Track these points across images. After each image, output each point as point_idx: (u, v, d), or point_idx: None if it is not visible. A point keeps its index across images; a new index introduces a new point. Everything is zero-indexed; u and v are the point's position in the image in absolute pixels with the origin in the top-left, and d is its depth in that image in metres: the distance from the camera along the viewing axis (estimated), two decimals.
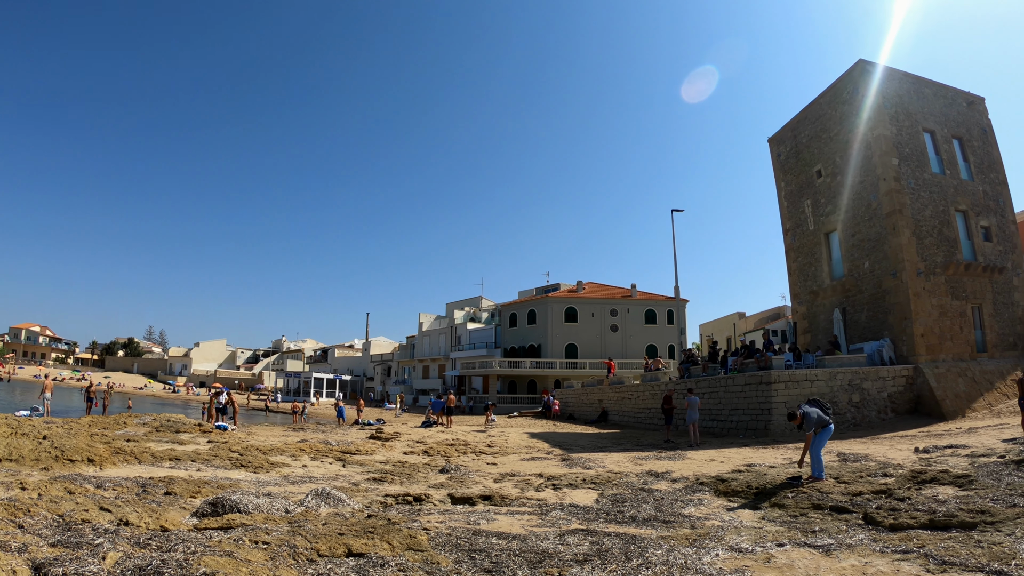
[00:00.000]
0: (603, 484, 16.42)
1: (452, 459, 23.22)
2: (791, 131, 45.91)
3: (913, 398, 32.72)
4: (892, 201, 36.09)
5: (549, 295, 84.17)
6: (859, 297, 38.42)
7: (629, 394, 45.10)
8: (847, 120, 39.79)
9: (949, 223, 37.67)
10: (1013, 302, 39.17)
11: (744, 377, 31.99)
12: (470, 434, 35.79)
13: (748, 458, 21.03)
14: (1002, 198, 41.20)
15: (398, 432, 35.03)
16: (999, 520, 9.86)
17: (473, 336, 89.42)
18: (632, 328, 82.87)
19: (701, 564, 8.18)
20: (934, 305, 35.28)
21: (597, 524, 11.20)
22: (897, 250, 35.53)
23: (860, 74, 38.79)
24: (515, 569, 7.91)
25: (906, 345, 34.44)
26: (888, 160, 36.64)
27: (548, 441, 31.61)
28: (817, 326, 42.14)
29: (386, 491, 14.81)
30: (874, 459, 18.67)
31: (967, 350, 35.90)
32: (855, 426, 30.08)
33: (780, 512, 12.07)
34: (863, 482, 14.32)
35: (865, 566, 8.07)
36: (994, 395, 33.71)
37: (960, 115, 41.61)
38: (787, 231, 46.08)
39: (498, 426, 43.59)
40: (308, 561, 7.52)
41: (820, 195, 42.33)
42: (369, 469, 19.68)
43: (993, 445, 19.58)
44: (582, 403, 54.32)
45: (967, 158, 40.67)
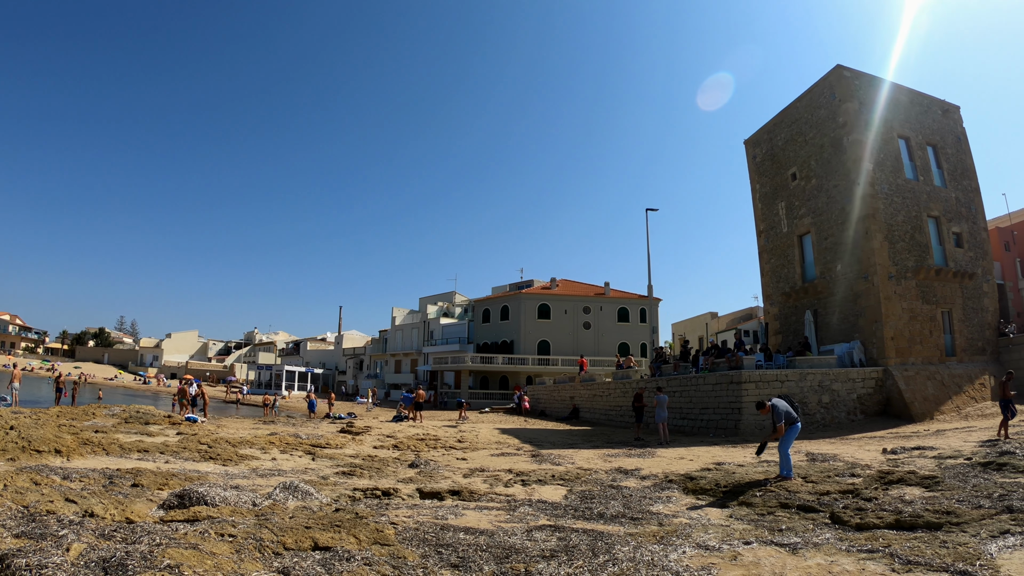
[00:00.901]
0: (572, 480, 16.37)
1: (422, 454, 23.08)
2: (767, 134, 46.19)
3: (882, 400, 33.07)
4: (865, 205, 36.43)
5: (522, 291, 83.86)
6: (831, 299, 38.72)
7: (600, 392, 45.14)
8: (823, 124, 40.09)
9: (921, 228, 38.10)
10: (983, 307, 39.73)
11: (715, 376, 32.07)
12: (441, 429, 35.65)
13: (717, 456, 21.08)
14: (974, 205, 41.83)
15: (369, 426, 34.82)
16: (964, 521, 9.92)
17: (446, 331, 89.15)
18: (605, 326, 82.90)
19: (668, 561, 8.18)
20: (905, 309, 35.66)
21: (565, 520, 11.19)
22: (869, 254, 35.86)
23: (837, 80, 39.11)
24: (482, 564, 7.89)
25: (876, 348, 34.79)
26: (862, 165, 37.00)
27: (519, 437, 31.55)
28: (789, 327, 42.45)
29: (355, 485, 14.68)
30: (842, 459, 18.78)
31: (936, 354, 36.34)
32: (824, 426, 30.29)
33: (748, 510, 12.06)
34: (831, 482, 14.38)
35: (831, 565, 8.09)
36: (962, 398, 34.14)
37: (935, 123, 42.11)
38: (761, 233, 46.35)
39: (469, 422, 43.53)
40: (274, 554, 7.46)
41: (794, 198, 42.60)
42: (338, 463, 19.52)
43: (960, 447, 19.79)
44: (554, 400, 54.31)
45: (941, 165, 41.17)
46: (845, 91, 38.56)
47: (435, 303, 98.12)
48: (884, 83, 40.55)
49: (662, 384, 34.09)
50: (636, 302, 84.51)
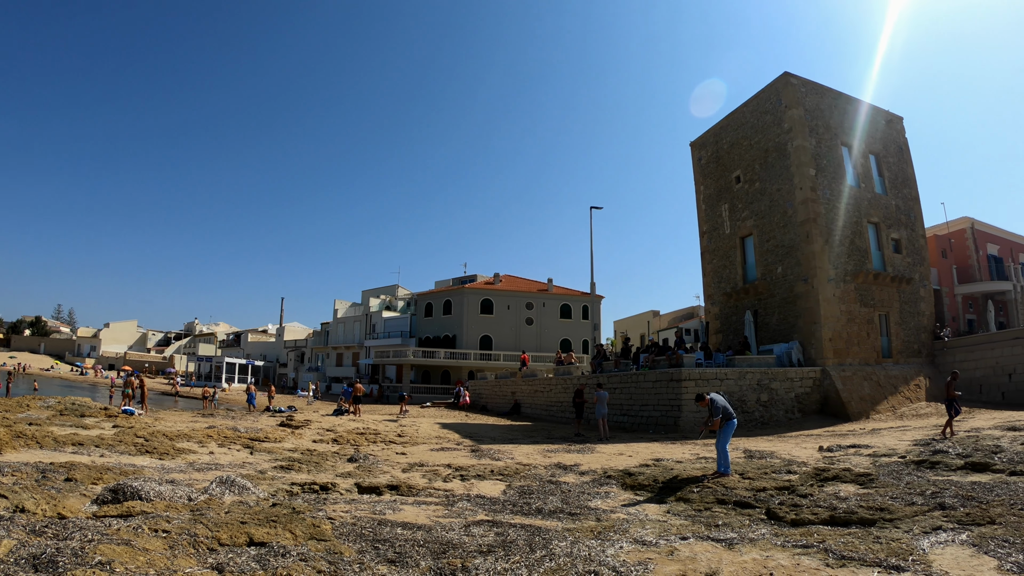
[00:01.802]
0: (511, 476, 16.29)
1: (361, 448, 22.88)
2: (713, 136, 46.61)
3: (820, 399, 33.67)
4: (807, 210, 36.96)
5: (466, 286, 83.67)
6: (771, 300, 39.27)
7: (542, 387, 45.15)
8: (769, 129, 40.62)
9: (861, 234, 38.88)
10: (919, 311, 40.70)
11: (655, 374, 32.23)
12: (381, 423, 35.44)
13: (656, 453, 21.17)
14: (913, 213, 42.89)
15: (309, 420, 34.50)
16: (898, 517, 10.06)
17: (388, 325, 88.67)
18: (547, 322, 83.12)
19: (605, 556, 8.18)
20: (843, 311, 36.31)
21: (503, 515, 11.15)
22: (810, 257, 36.43)
23: (784, 86, 39.64)
24: (418, 559, 7.82)
25: (814, 348, 35.38)
26: (806, 170, 37.54)
27: (459, 432, 31.47)
28: (729, 327, 42.90)
29: (293, 479, 14.48)
30: (779, 456, 18.99)
31: (873, 355, 37.16)
32: (763, 424, 30.65)
33: (685, 506, 12.08)
34: (767, 478, 14.48)
35: (766, 560, 8.16)
36: (898, 398, 34.89)
37: (878, 132, 43.13)
38: (704, 233, 46.76)
39: (410, 416, 43.34)
40: (208, 550, 7.34)
41: (738, 200, 43.07)
42: (277, 457, 19.26)
43: (895, 446, 20.14)
44: (495, 395, 54.23)
45: (882, 173, 42.14)
46: (791, 98, 39.06)
47: (378, 296, 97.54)
48: (830, 92, 41.28)
49: (602, 381, 34.18)
50: (579, 299, 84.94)
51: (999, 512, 10.02)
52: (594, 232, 52.17)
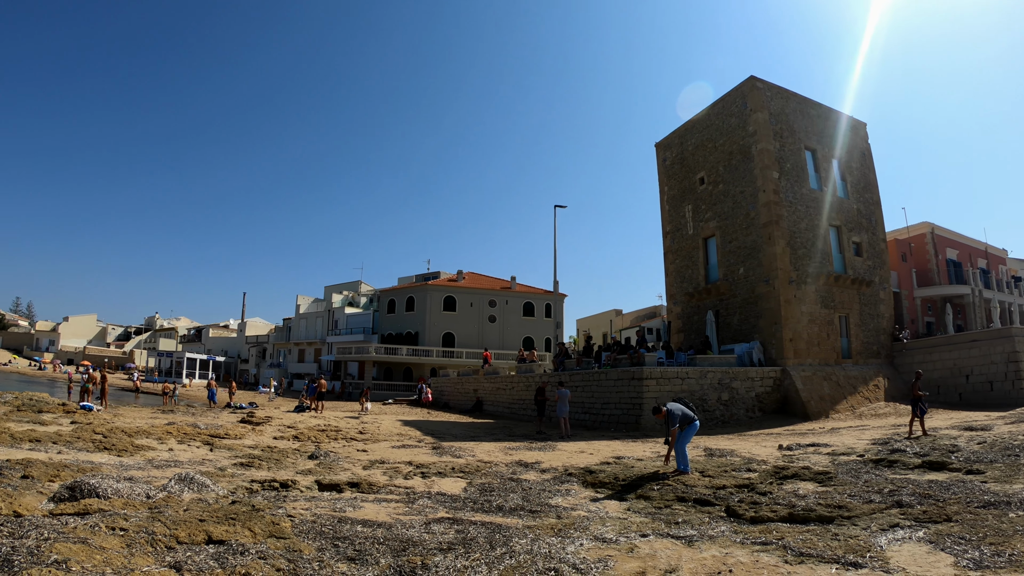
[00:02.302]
0: (472, 473, 16.25)
1: (322, 445, 22.65)
2: (678, 138, 46.88)
3: (780, 398, 34.04)
4: (770, 212, 37.34)
5: (429, 283, 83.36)
6: (732, 301, 39.59)
7: (504, 385, 45.14)
8: (734, 132, 40.97)
9: (823, 237, 39.46)
10: (879, 313, 41.30)
11: (617, 372, 32.30)
12: (343, 420, 35.18)
13: (617, 451, 21.22)
14: (874, 217, 43.62)
15: (270, 416, 34.16)
16: (856, 515, 10.17)
17: (350, 321, 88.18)
18: (510, 320, 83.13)
19: (565, 554, 8.20)
20: (804, 312, 36.69)
21: (464, 513, 11.13)
22: (772, 259, 36.80)
23: (750, 90, 40.02)
24: (378, 557, 7.81)
25: (775, 348, 35.74)
26: (769, 173, 37.91)
27: (421, 429, 31.33)
28: (691, 326, 43.17)
29: (253, 476, 14.31)
30: (739, 455, 19.08)
31: (833, 356, 37.64)
32: (723, 423, 30.84)
33: (645, 504, 12.10)
34: (727, 476, 14.55)
35: (726, 557, 8.21)
36: (857, 398, 35.35)
37: (842, 137, 43.87)
38: (667, 234, 47.03)
39: (372, 413, 43.11)
40: (166, 548, 7.25)
41: (701, 201, 43.36)
42: (237, 454, 19.04)
43: (854, 445, 20.39)
44: (457, 392, 54.14)
45: (845, 178, 42.78)
46: (757, 101, 39.42)
47: (340, 292, 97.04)
48: (795, 96, 41.80)
49: (564, 379, 34.25)
50: (542, 297, 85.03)
51: (956, 510, 10.17)
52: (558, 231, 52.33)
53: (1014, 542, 8.20)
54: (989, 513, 9.91)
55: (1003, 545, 8.09)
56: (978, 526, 9.12)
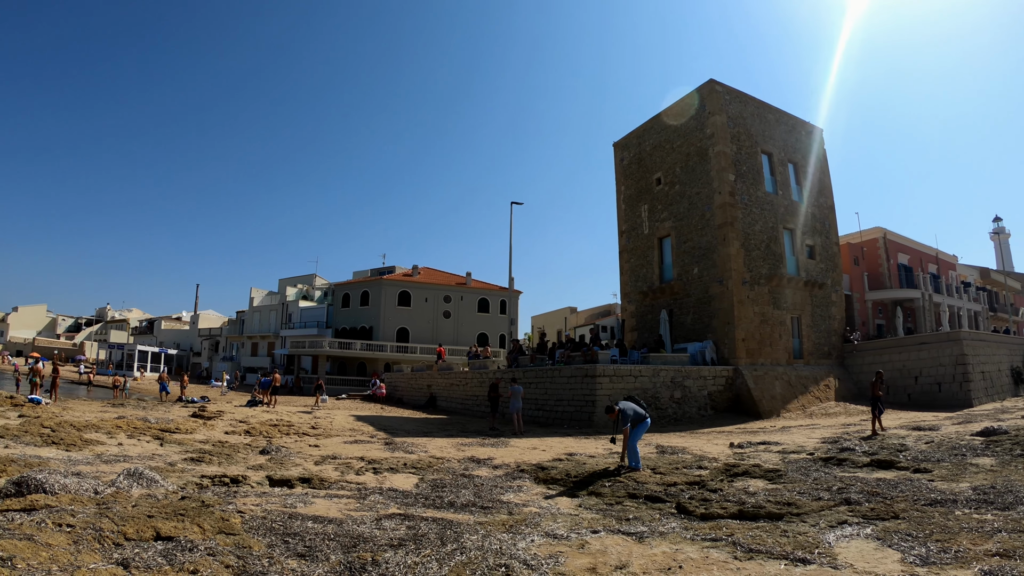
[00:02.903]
0: (424, 469, 16.19)
1: (274, 440, 22.44)
2: (636, 138, 47.13)
3: (732, 397, 34.38)
4: (725, 214, 37.74)
5: (384, 277, 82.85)
6: (686, 300, 39.93)
7: (457, 381, 45.05)
8: (691, 134, 41.32)
9: (777, 239, 39.97)
10: (830, 315, 42.03)
11: (570, 369, 32.34)
12: (295, 415, 34.94)
13: (570, 447, 21.23)
14: (828, 221, 44.55)
15: (222, 411, 33.83)
16: (805, 512, 10.29)
17: (305, 314, 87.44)
18: (465, 316, 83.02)
19: (516, 550, 8.21)
20: (756, 313, 37.14)
21: (415, 509, 11.09)
22: (726, 259, 37.20)
23: (709, 92, 40.42)
24: (329, 553, 7.76)
25: (728, 348, 36.14)
26: (725, 176, 38.35)
27: (374, 424, 31.19)
28: (645, 325, 43.45)
29: (203, 472, 14.14)
30: (691, 452, 19.22)
31: (785, 356, 38.24)
32: (676, 421, 31.00)
33: (597, 500, 12.13)
34: (678, 473, 14.65)
35: (676, 553, 8.24)
36: (808, 398, 35.92)
37: (798, 142, 44.57)
38: (623, 233, 47.24)
39: (325, 408, 42.86)
40: (114, 545, 7.16)
41: (658, 201, 43.63)
42: (188, 448, 18.78)
43: (804, 443, 20.66)
44: (411, 388, 53.92)
45: (800, 182, 43.52)
46: (715, 104, 39.79)
47: (295, 285, 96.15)
48: (753, 100, 42.36)
49: (518, 375, 34.33)
50: (497, 293, 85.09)
51: (903, 507, 10.31)
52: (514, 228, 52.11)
53: (960, 539, 8.32)
54: (936, 511, 10.07)
55: (949, 542, 8.20)
56: (925, 523, 9.25)
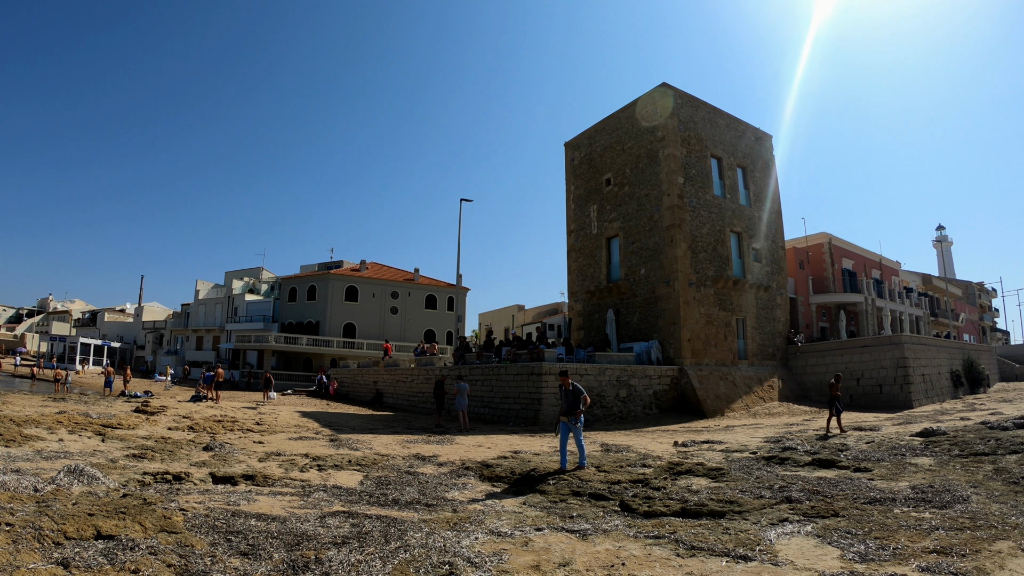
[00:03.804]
0: (369, 466, 16.11)
1: (218, 436, 22.16)
2: (588, 139, 47.40)
3: (677, 396, 34.76)
4: (673, 216, 38.12)
5: (331, 272, 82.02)
6: (633, 300, 40.26)
7: (404, 377, 44.84)
8: (642, 136, 41.65)
9: (724, 242, 40.57)
10: (775, 317, 42.71)
11: (517, 367, 32.39)
12: (240, 411, 34.53)
13: (515, 445, 21.27)
14: (775, 225, 45.47)
15: (165, 406, 33.29)
16: (747, 509, 10.44)
17: (251, 308, 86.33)
18: (412, 312, 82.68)
19: (459, 547, 8.21)
20: (702, 314, 37.56)
21: (359, 506, 11.05)
22: (673, 261, 37.59)
23: (661, 96, 40.79)
24: (272, 552, 7.69)
25: (673, 348, 36.51)
26: (675, 178, 38.74)
27: (319, 421, 30.95)
28: (592, 324, 43.71)
29: (145, 468, 13.90)
30: (635, 451, 19.35)
31: (730, 356, 38.78)
32: (621, 420, 31.20)
33: (541, 498, 12.15)
34: (623, 471, 14.72)
35: (619, 550, 8.30)
36: (752, 398, 36.48)
37: (748, 147, 45.27)
38: (571, 232, 47.47)
39: (271, 404, 42.46)
40: (54, 544, 7.01)
41: (607, 202, 43.89)
42: (130, 445, 18.47)
43: (747, 442, 20.94)
44: (357, 384, 53.56)
45: (748, 186, 44.25)
46: (667, 108, 40.12)
47: (241, 278, 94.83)
48: (705, 105, 42.91)
49: (464, 372, 34.28)
50: (445, 290, 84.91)
51: (843, 506, 10.51)
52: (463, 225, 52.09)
53: (898, 536, 8.53)
54: (875, 509, 10.29)
55: (888, 539, 8.42)
56: (864, 521, 9.45)
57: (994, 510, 10.01)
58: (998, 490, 11.71)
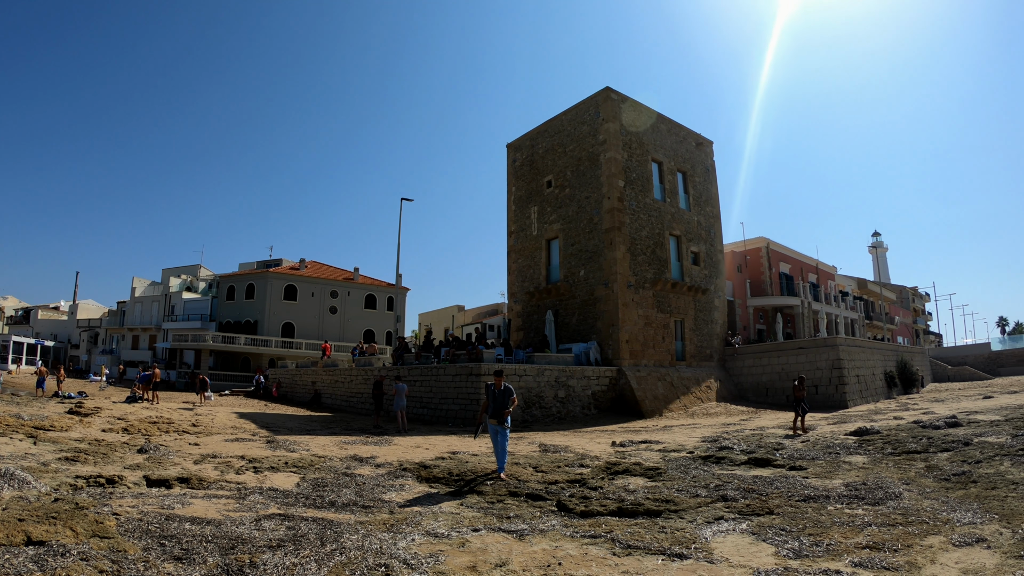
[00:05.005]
0: (306, 468, 15.98)
1: (153, 438, 21.75)
2: (530, 140, 47.58)
3: (616, 397, 35.03)
4: (613, 218, 38.45)
5: (270, 270, 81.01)
6: (572, 302, 40.51)
7: (342, 378, 44.55)
8: (584, 139, 41.95)
9: (663, 245, 41.14)
10: (712, 320, 43.46)
11: (455, 368, 32.32)
12: (176, 412, 34.00)
13: (453, 446, 21.21)
14: (713, 229, 46.31)
15: (100, 407, 32.62)
16: (683, 508, 10.57)
17: (188, 307, 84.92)
18: (352, 311, 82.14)
19: (396, 549, 8.21)
20: (640, 315, 37.93)
21: (296, 509, 10.99)
22: (612, 263, 37.91)
23: (604, 100, 41.13)
24: (206, 556, 7.60)
25: (612, 349, 36.82)
26: (615, 181, 39.11)
27: (256, 422, 30.61)
28: (531, 325, 43.88)
29: (78, 472, 13.59)
30: (573, 451, 19.40)
31: (668, 358, 39.31)
32: (560, 420, 31.29)
33: (479, 499, 12.12)
34: (560, 472, 14.77)
35: (555, 550, 8.38)
36: (690, 398, 36.96)
37: (688, 153, 46.05)
38: (511, 233, 47.59)
39: (208, 405, 41.89)
40: None
41: (547, 204, 44.11)
42: (63, 447, 18.03)
43: (684, 442, 21.17)
44: (296, 384, 53.05)
45: (688, 191, 45.02)
46: (609, 111, 40.51)
47: (179, 276, 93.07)
48: (647, 110, 43.41)
49: (402, 373, 34.10)
50: (384, 289, 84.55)
51: (777, 503, 10.68)
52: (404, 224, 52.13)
53: (832, 532, 8.72)
54: (809, 506, 10.49)
55: (821, 536, 8.60)
56: (798, 518, 9.64)
57: (925, 506, 10.30)
58: (930, 487, 12.05)
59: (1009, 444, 15.93)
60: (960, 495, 11.08)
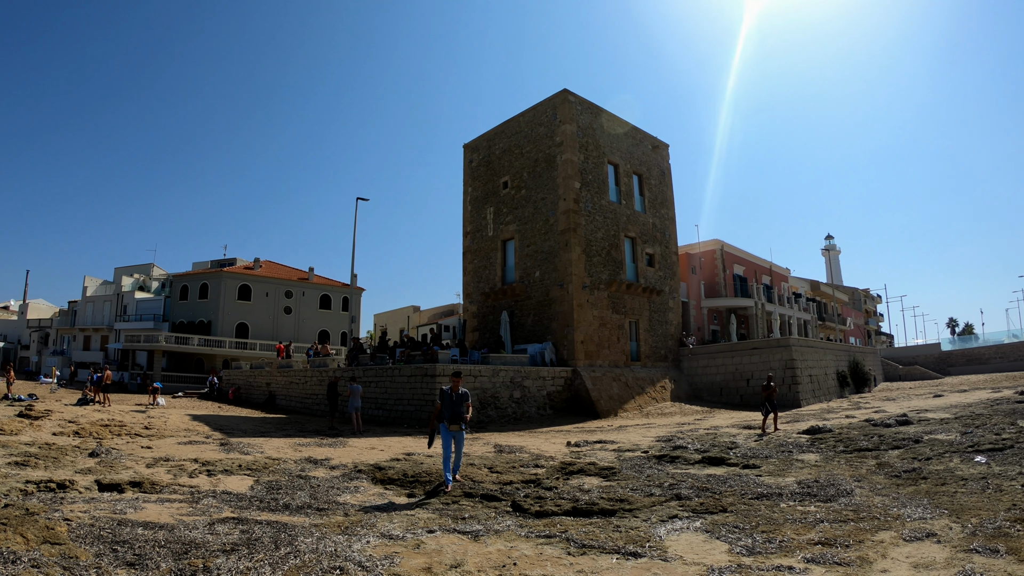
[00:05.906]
0: (260, 470, 15.83)
1: (105, 441, 21.39)
2: (487, 141, 47.63)
3: (571, 397, 35.19)
4: (568, 220, 38.62)
5: (224, 270, 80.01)
6: (527, 302, 40.64)
7: (297, 379, 44.20)
8: (541, 141, 42.07)
9: (618, 246, 41.44)
10: (667, 320, 43.84)
11: (410, 369, 32.22)
12: (128, 414, 33.52)
13: (408, 447, 21.15)
14: (668, 231, 46.84)
15: (50, 410, 32.03)
16: (637, 507, 10.62)
17: (141, 307, 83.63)
18: (307, 312, 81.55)
19: (351, 551, 8.19)
20: (595, 316, 38.17)
21: (249, 512, 10.90)
22: (567, 264, 38.07)
23: (562, 102, 41.31)
24: (159, 561, 7.52)
25: (567, 349, 36.99)
26: (571, 183, 39.31)
27: (210, 424, 30.27)
28: (486, 325, 43.91)
29: (28, 477, 13.32)
30: (528, 451, 19.43)
31: (623, 358, 39.52)
32: (515, 420, 31.35)
33: (433, 500, 12.11)
34: (515, 472, 14.79)
35: (511, 550, 8.41)
36: (644, 398, 37.25)
37: (644, 155, 46.46)
38: (467, 234, 47.60)
39: (161, 407, 41.37)
40: None
41: (504, 205, 44.16)
42: (12, 451, 17.67)
43: (639, 442, 21.31)
44: (250, 386, 52.51)
45: (643, 193, 45.42)
46: (567, 114, 40.70)
47: (132, 275, 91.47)
48: (604, 113, 43.69)
49: (357, 374, 33.99)
50: (339, 290, 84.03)
51: (731, 501, 10.80)
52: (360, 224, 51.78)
53: (784, 529, 8.83)
54: (762, 504, 10.63)
55: (774, 532, 8.70)
56: (752, 516, 9.76)
57: (877, 502, 10.47)
58: (880, 483, 12.27)
59: (958, 441, 16.29)
60: (911, 491, 11.29)
